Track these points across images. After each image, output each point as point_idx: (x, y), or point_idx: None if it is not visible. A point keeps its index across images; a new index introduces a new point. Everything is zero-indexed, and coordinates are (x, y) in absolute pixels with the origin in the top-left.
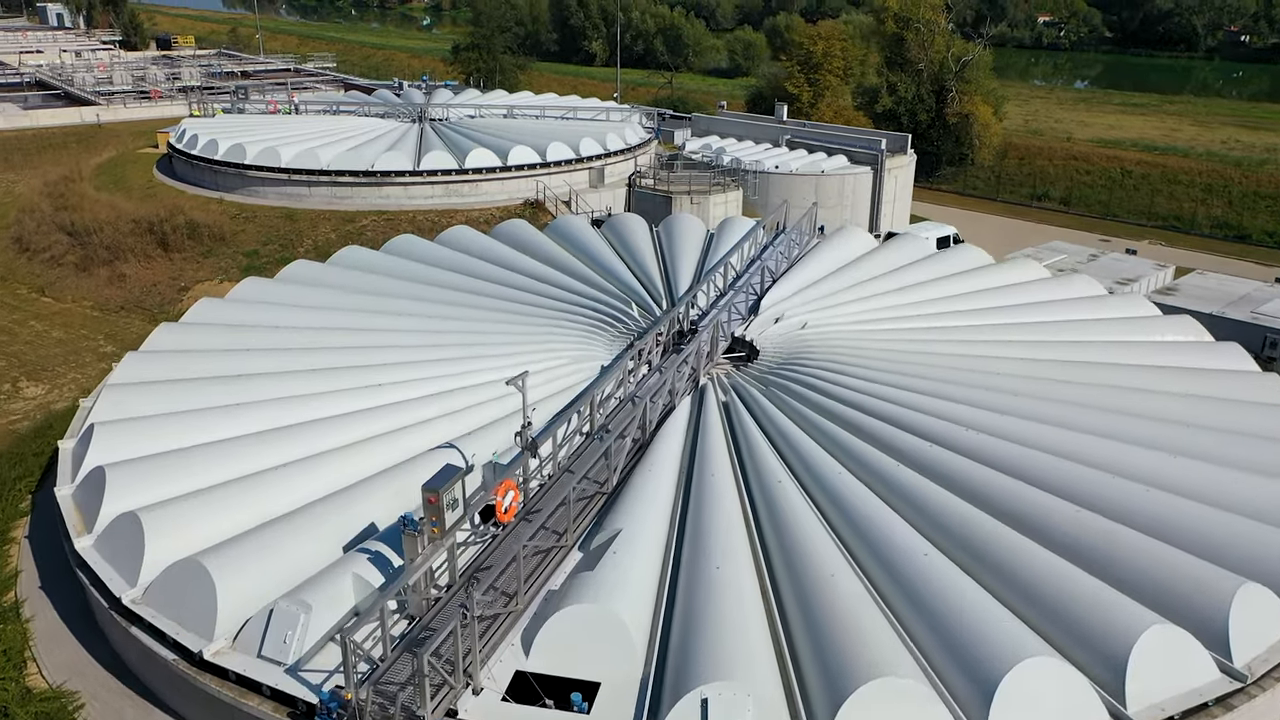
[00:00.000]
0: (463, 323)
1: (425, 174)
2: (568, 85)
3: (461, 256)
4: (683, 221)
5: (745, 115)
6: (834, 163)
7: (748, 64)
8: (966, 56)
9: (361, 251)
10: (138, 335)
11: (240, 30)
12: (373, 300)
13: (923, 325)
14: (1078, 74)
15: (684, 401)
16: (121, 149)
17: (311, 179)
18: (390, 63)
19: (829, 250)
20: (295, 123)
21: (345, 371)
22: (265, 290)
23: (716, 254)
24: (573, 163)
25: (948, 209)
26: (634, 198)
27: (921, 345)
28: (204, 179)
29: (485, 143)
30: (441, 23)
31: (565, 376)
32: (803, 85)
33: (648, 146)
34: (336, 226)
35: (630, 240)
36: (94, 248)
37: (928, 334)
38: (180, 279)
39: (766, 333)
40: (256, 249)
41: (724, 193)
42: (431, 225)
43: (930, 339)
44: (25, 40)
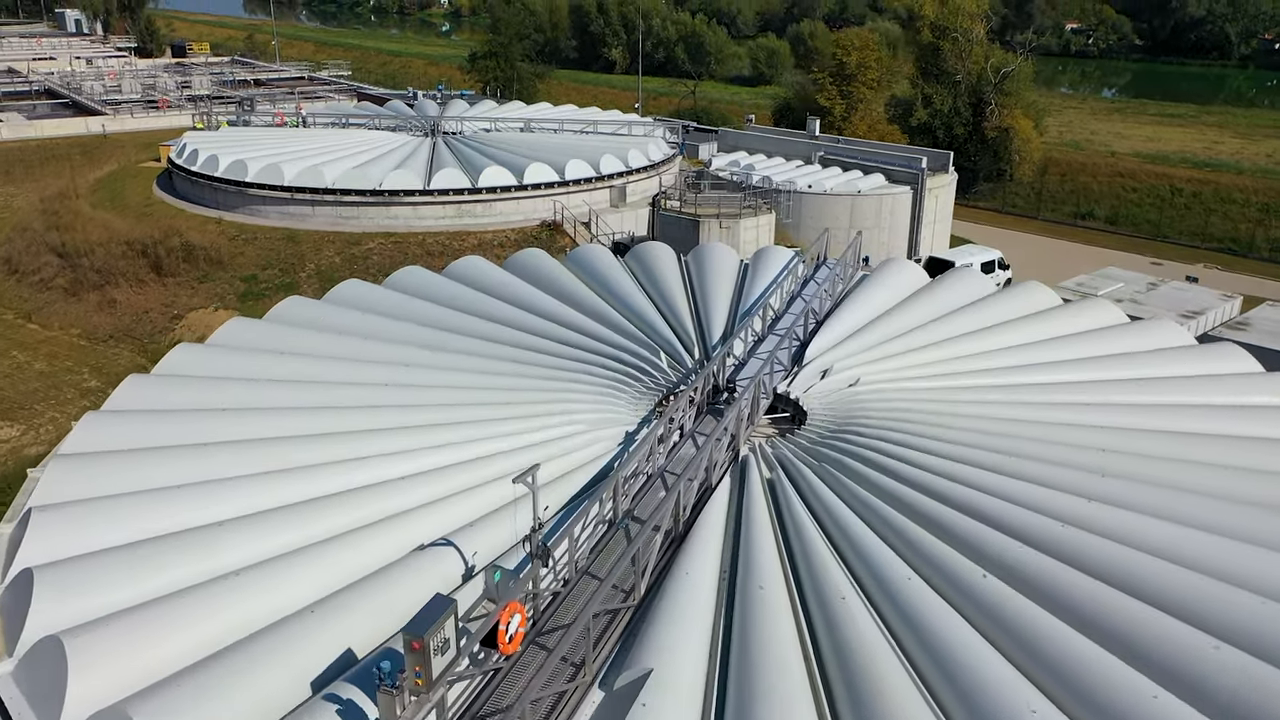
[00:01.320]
0: (467, 375)
1: (436, 193)
2: (587, 94)
3: (470, 293)
4: (714, 252)
5: (775, 130)
6: (871, 182)
7: (771, 72)
8: (1007, 67)
9: (360, 286)
10: (124, 368)
11: (256, 37)
12: (368, 347)
13: (994, 383)
14: (1106, 82)
15: (721, 477)
16: (123, 162)
17: (315, 198)
18: (407, 70)
19: (877, 287)
20: (302, 136)
21: (328, 440)
22: (250, 334)
23: (752, 290)
24: (592, 181)
25: (986, 228)
26: (658, 221)
27: (996, 409)
28: (204, 197)
29: (500, 159)
30: (461, 29)
31: (583, 448)
32: (835, 98)
33: (672, 163)
34: (341, 249)
35: (657, 274)
36: (84, 271)
37: (1002, 394)
38: (173, 306)
39: (813, 389)
40: (255, 273)
41: (755, 216)
42: (442, 249)
43: (1005, 400)
44: (40, 47)
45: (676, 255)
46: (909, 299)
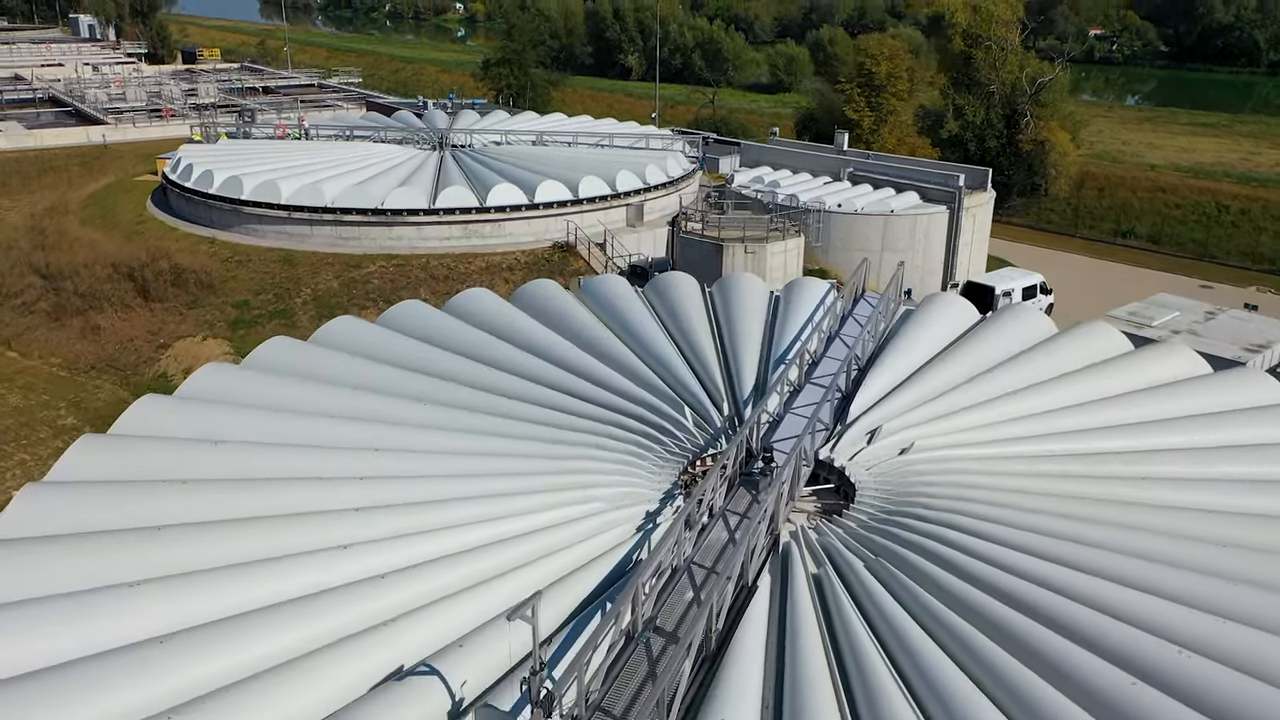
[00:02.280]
0: (467, 437)
1: (441, 212)
2: (603, 102)
3: (473, 333)
4: (741, 284)
5: (801, 144)
6: (904, 201)
7: (790, 79)
8: (1043, 77)
9: (352, 325)
10: (104, 403)
11: (269, 43)
12: (356, 401)
13: (1072, 448)
14: (1132, 89)
15: (759, 570)
16: (120, 175)
17: (314, 217)
18: (419, 77)
19: (924, 327)
20: (303, 150)
21: (301, 524)
22: (224, 382)
23: (785, 329)
24: (608, 199)
25: (1021, 247)
26: (678, 244)
27: (1080, 485)
28: (198, 214)
29: (510, 175)
30: (476, 34)
31: (597, 533)
32: (863, 109)
33: (692, 179)
34: (340, 273)
35: (679, 310)
36: (67, 295)
37: (1083, 464)
38: (160, 334)
39: (860, 456)
40: (247, 299)
41: (783, 240)
42: (447, 272)
43: (1090, 473)
44: (49, 53)
45: (700, 286)
46: (961, 342)
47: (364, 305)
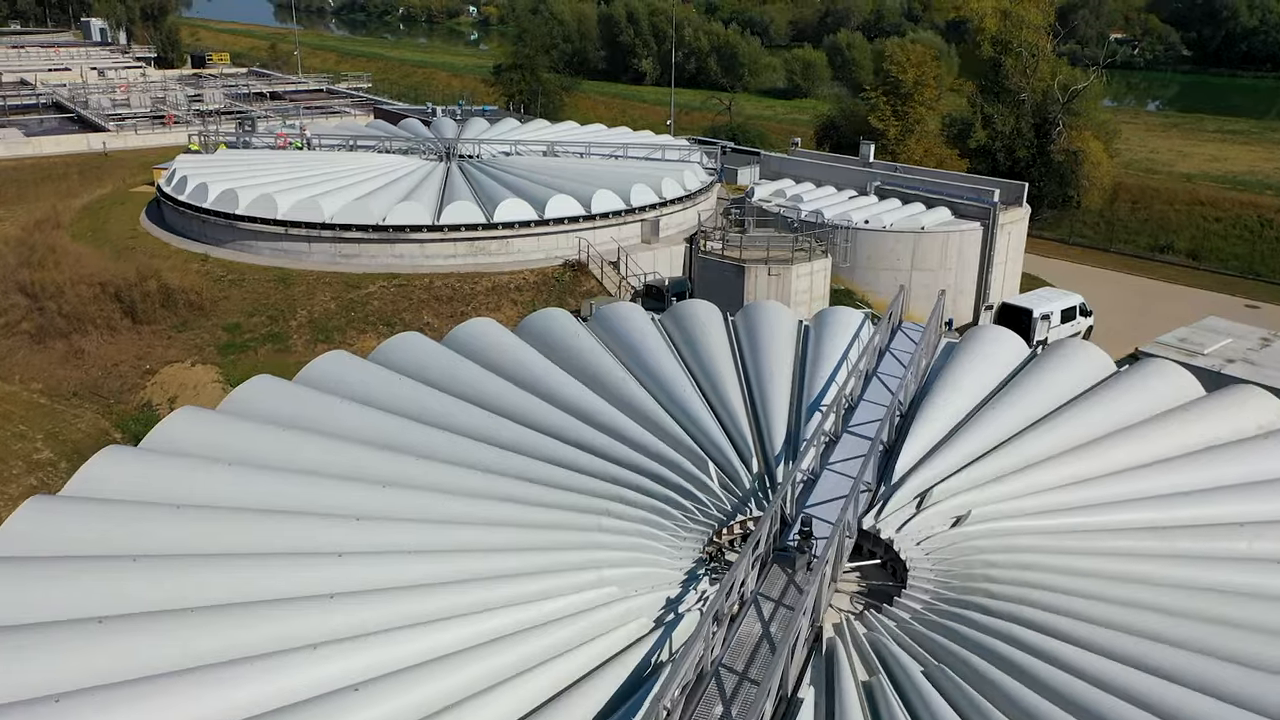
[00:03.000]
0: (463, 502)
1: (446, 229)
2: (616, 108)
3: (474, 372)
4: (767, 315)
5: (825, 155)
6: (934, 216)
7: (807, 84)
8: (1076, 85)
9: (341, 363)
10: (84, 435)
11: (280, 47)
12: (341, 456)
13: (1154, 520)
14: (1153, 94)
15: (800, 677)
16: (117, 185)
17: (311, 234)
18: (430, 82)
19: (971, 365)
20: (303, 161)
21: (263, 614)
22: (197, 431)
23: (817, 367)
24: (622, 214)
25: (1054, 262)
26: (697, 264)
27: (1168, 568)
28: (191, 229)
29: (519, 189)
30: (489, 38)
31: (606, 631)
32: (888, 118)
33: (710, 191)
34: (338, 293)
35: (700, 345)
36: (51, 315)
37: (1168, 542)
38: (147, 358)
39: (909, 527)
40: (239, 321)
41: (809, 261)
42: (451, 293)
43: (1178, 552)
44: (58, 57)
45: (723, 316)
46: (1013, 385)
47: (362, 329)
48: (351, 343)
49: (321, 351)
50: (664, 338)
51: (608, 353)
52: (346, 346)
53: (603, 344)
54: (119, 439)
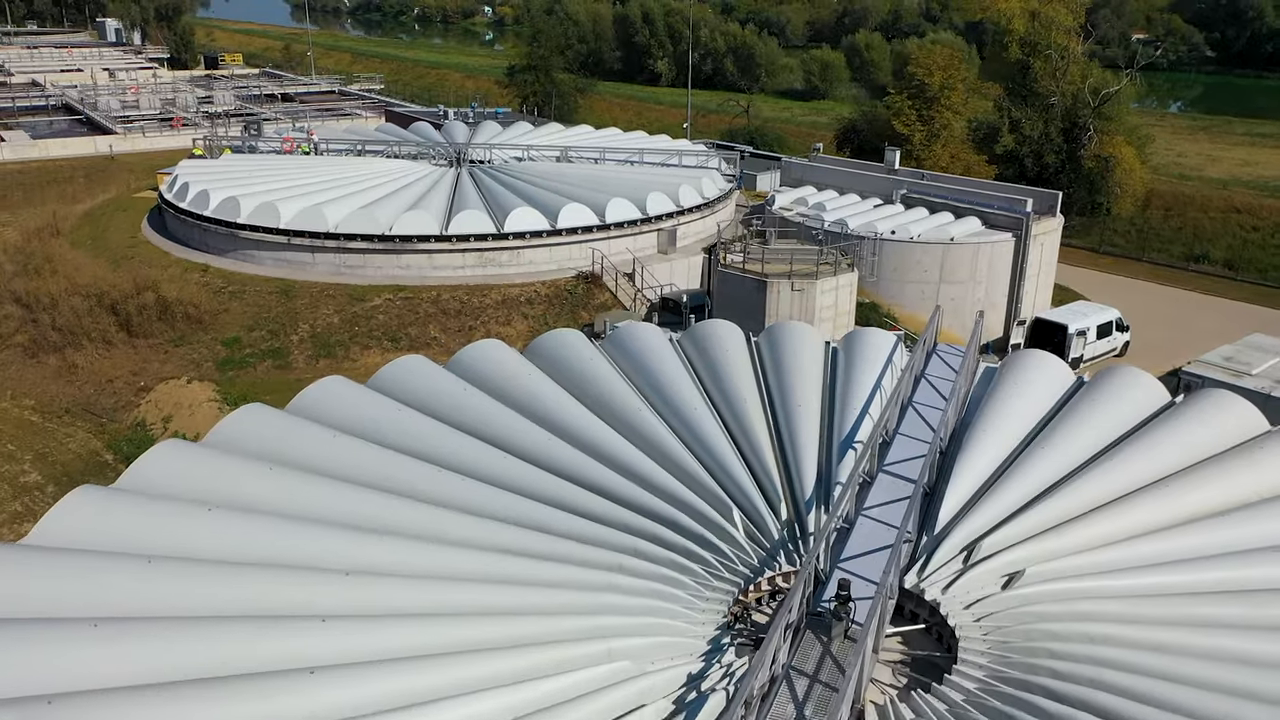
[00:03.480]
0: (458, 554)
1: (455, 239)
2: (631, 111)
3: (480, 401)
4: (793, 338)
5: (848, 162)
6: (964, 227)
7: (825, 85)
8: (1109, 88)
9: (338, 391)
10: (75, 456)
11: (293, 47)
12: (328, 500)
13: (1236, 580)
14: (1176, 95)
15: None
16: (121, 190)
17: (315, 243)
18: (444, 83)
19: (1014, 397)
20: (309, 166)
21: (234, 689)
22: (177, 467)
23: (848, 397)
24: (637, 224)
25: (1084, 272)
26: (716, 278)
27: (1269, 641)
28: (192, 238)
29: (531, 197)
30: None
31: (622, 712)
32: (914, 123)
33: (728, 199)
34: (341, 306)
35: (721, 370)
36: (45, 328)
37: (1254, 608)
38: (142, 374)
39: (957, 587)
40: (239, 336)
41: (834, 275)
42: (460, 306)
43: (1266, 620)
44: (70, 58)
45: (745, 337)
46: (1062, 418)
47: (366, 344)
48: (354, 359)
49: (323, 368)
50: (683, 361)
51: (623, 379)
52: (349, 363)
53: (618, 369)
54: (109, 461)
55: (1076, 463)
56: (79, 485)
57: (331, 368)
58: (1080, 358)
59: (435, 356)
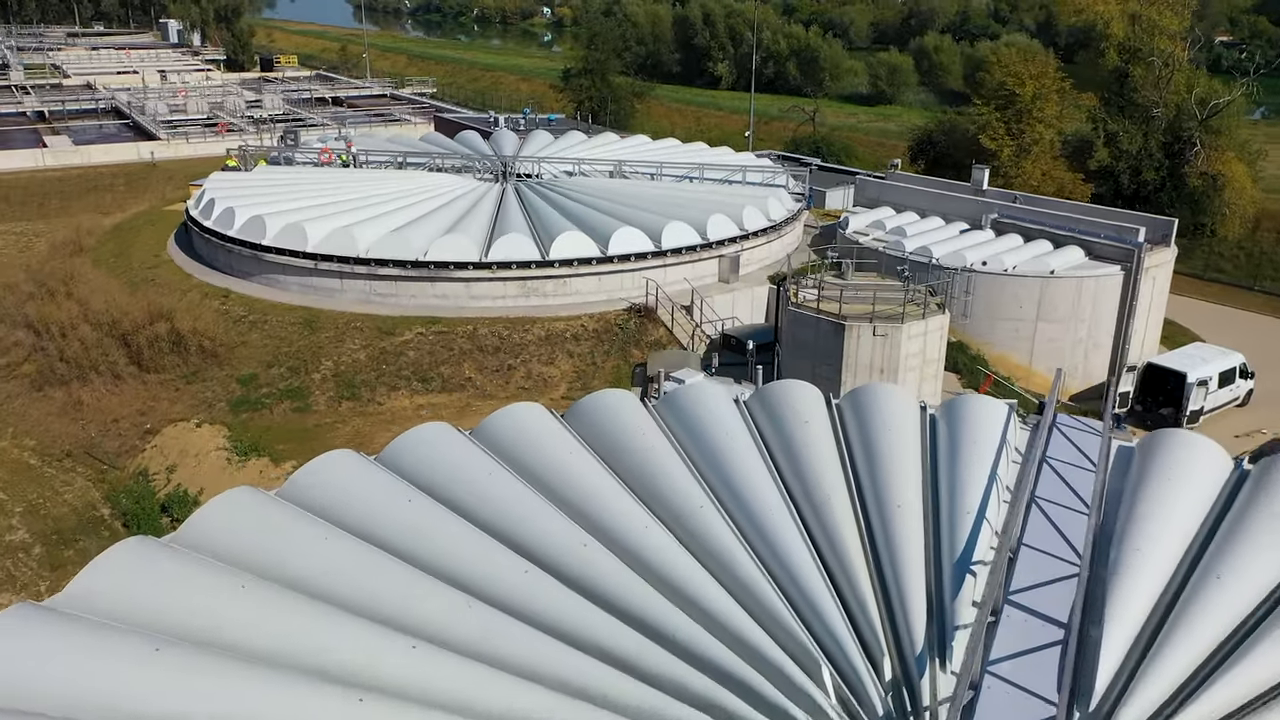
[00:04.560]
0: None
1: (495, 266)
2: (690, 117)
3: (510, 494)
4: (885, 411)
5: (930, 180)
6: (1065, 258)
7: (892, 90)
8: (1219, 99)
9: (341, 470)
10: (69, 509)
11: (350, 49)
12: (300, 638)
13: None
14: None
15: None
16: (155, 200)
17: (344, 269)
18: (498, 86)
19: (1167, 497)
20: (344, 181)
21: None
22: (138, 573)
23: (958, 494)
24: (697, 249)
25: (1189, 303)
26: (786, 317)
27: None
28: (217, 259)
29: (581, 218)
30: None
31: None
32: (1002, 137)
33: (797, 220)
34: (369, 340)
35: (801, 456)
36: (53, 358)
37: None
38: (150, 415)
39: None
40: (256, 373)
41: (923, 319)
42: (498, 342)
43: None
44: (128, 59)
45: (825, 401)
46: (1234, 530)
47: (394, 384)
48: (380, 402)
49: (345, 412)
50: (753, 436)
51: (682, 460)
52: (374, 406)
53: (675, 444)
54: (105, 517)
55: (1264, 593)
56: (70, 545)
57: (354, 412)
58: (1200, 410)
59: (469, 401)
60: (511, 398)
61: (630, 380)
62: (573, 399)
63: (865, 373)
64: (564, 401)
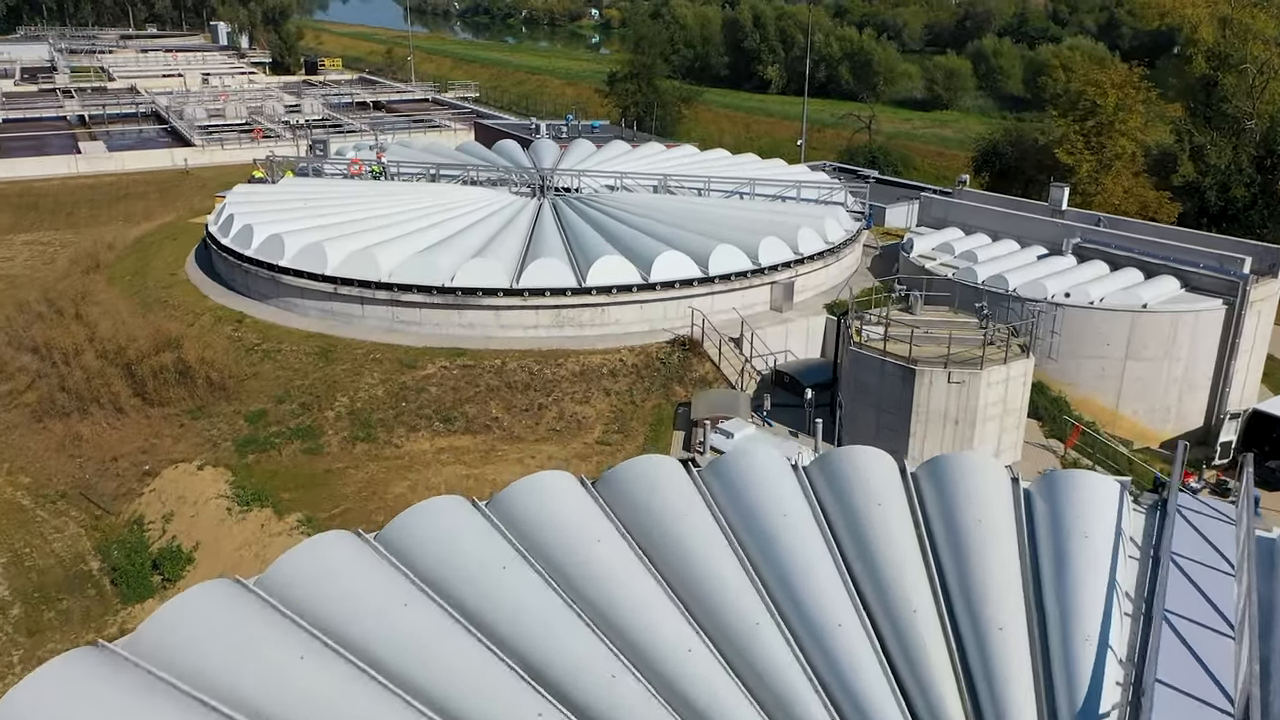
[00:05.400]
0: None
1: (527, 293)
2: (739, 123)
3: (522, 597)
4: (970, 489)
5: (1002, 199)
6: (1158, 289)
7: (949, 95)
8: None
9: (331, 558)
10: (55, 561)
11: (396, 51)
12: None
13: None
14: None
15: None
16: (181, 211)
17: (365, 294)
18: (543, 90)
19: None
20: (372, 196)
21: None
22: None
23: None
24: (748, 275)
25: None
26: (848, 357)
27: None
28: (234, 279)
29: (621, 239)
30: (610, 41)
31: None
32: (1081, 152)
33: (856, 242)
34: (388, 374)
35: (876, 550)
36: (54, 388)
37: None
38: (151, 453)
39: None
40: (266, 409)
41: (1005, 364)
42: (528, 379)
43: None
44: (175, 62)
45: (900, 472)
46: None
47: (413, 424)
48: (398, 444)
49: (360, 454)
50: (817, 518)
51: (734, 555)
52: (391, 449)
53: (726, 532)
54: (93, 572)
55: None
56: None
57: (369, 455)
58: None
59: (494, 445)
60: (541, 441)
61: (672, 422)
62: (608, 444)
63: (938, 423)
64: (599, 448)
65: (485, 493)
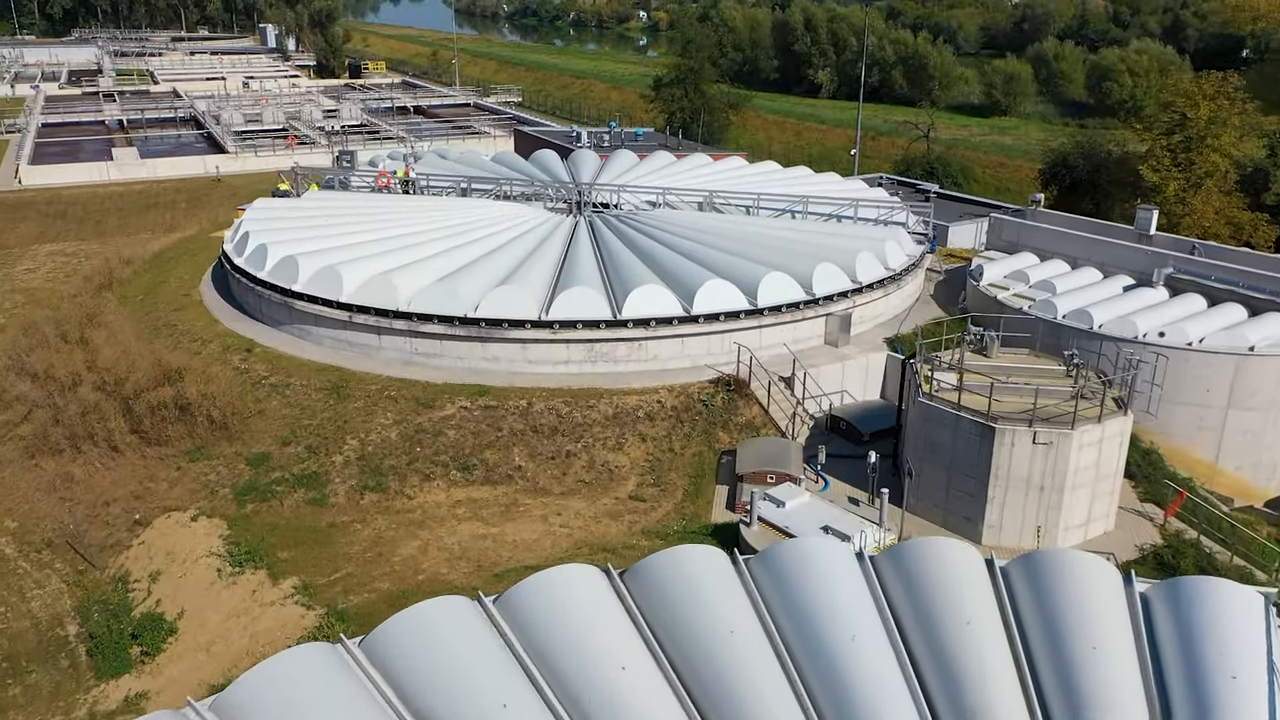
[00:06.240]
0: None
1: (557, 325)
2: (789, 130)
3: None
4: (1079, 600)
5: (1081, 221)
6: (1267, 329)
7: (1007, 100)
8: None
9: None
10: (30, 624)
11: (441, 54)
12: None
13: None
14: None
15: None
16: (207, 223)
17: (382, 323)
18: (588, 94)
19: None
20: (398, 212)
21: None
22: None
23: None
24: (800, 307)
25: None
26: (915, 411)
27: None
28: (248, 302)
29: (662, 265)
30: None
31: None
32: (1168, 170)
33: (919, 267)
34: (403, 415)
35: (961, 684)
36: (47, 422)
37: None
38: (144, 498)
39: None
40: (269, 451)
41: (1098, 422)
42: (556, 421)
43: None
44: (220, 65)
45: (990, 572)
46: None
47: (428, 472)
48: (410, 495)
49: (368, 505)
50: (890, 637)
51: (789, 687)
52: (402, 500)
53: (781, 652)
54: (69, 638)
55: None
56: (19, 679)
57: (378, 507)
58: None
59: (516, 497)
60: (568, 494)
61: (714, 474)
62: (642, 499)
63: (1019, 489)
64: (632, 504)
65: (504, 557)
